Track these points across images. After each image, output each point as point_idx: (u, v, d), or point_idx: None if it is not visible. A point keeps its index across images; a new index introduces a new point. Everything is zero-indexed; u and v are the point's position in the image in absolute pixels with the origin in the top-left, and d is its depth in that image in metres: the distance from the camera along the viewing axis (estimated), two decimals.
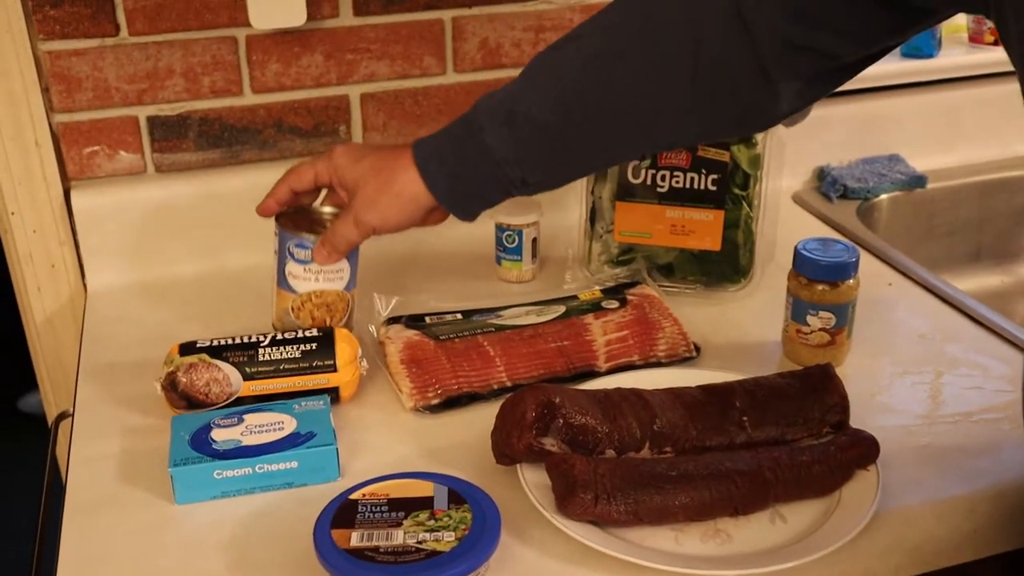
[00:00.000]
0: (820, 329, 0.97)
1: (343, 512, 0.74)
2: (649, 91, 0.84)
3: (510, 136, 0.87)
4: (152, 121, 1.18)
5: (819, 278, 0.96)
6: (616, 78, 0.84)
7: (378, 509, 0.75)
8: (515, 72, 1.27)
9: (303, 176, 0.96)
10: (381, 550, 0.71)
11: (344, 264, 0.99)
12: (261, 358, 0.91)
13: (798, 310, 0.98)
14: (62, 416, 1.08)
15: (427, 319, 1.04)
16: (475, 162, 0.89)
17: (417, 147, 0.91)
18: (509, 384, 0.95)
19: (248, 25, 1.13)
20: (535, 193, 0.93)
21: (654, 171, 1.10)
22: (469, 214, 0.93)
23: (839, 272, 0.96)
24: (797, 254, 0.98)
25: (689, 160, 1.09)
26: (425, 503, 0.75)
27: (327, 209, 1.02)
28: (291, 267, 0.98)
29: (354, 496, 0.76)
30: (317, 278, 0.98)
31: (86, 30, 1.11)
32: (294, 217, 1.00)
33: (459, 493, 0.76)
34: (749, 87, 0.82)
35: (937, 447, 0.88)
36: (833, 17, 0.77)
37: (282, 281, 0.99)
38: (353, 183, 0.93)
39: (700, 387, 0.88)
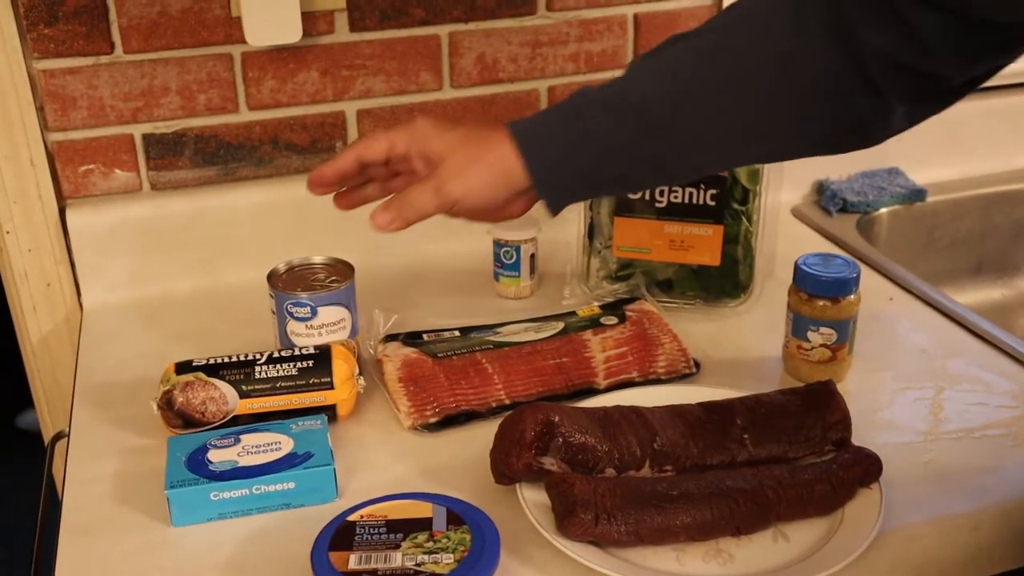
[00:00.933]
0: (821, 345, 0.97)
1: (341, 534, 0.74)
2: (757, 93, 0.80)
3: (616, 126, 0.81)
4: (147, 139, 1.17)
5: (820, 294, 0.96)
6: (728, 75, 0.81)
7: (376, 531, 0.74)
8: (512, 87, 1.28)
9: (374, 145, 0.86)
10: (379, 573, 0.70)
11: (345, 314, 0.99)
12: (258, 376, 0.90)
13: (799, 326, 0.98)
14: (58, 436, 1.08)
15: (425, 336, 1.03)
16: (575, 148, 0.82)
17: (514, 125, 0.84)
18: (508, 402, 0.95)
19: (243, 42, 1.13)
20: (622, 193, 0.88)
21: None
22: (557, 205, 0.85)
23: (840, 288, 0.95)
24: (797, 269, 0.97)
25: None
26: (424, 524, 0.74)
27: (317, 260, 1.02)
28: (292, 326, 0.98)
29: (352, 518, 0.75)
30: (320, 333, 0.98)
31: (81, 48, 1.11)
32: (285, 277, 1.00)
33: (458, 514, 0.75)
34: (857, 100, 0.79)
35: (940, 464, 0.87)
36: (938, 38, 0.75)
37: (284, 340, 0.99)
38: (439, 152, 0.84)
39: (700, 404, 0.87)
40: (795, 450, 0.85)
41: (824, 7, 0.78)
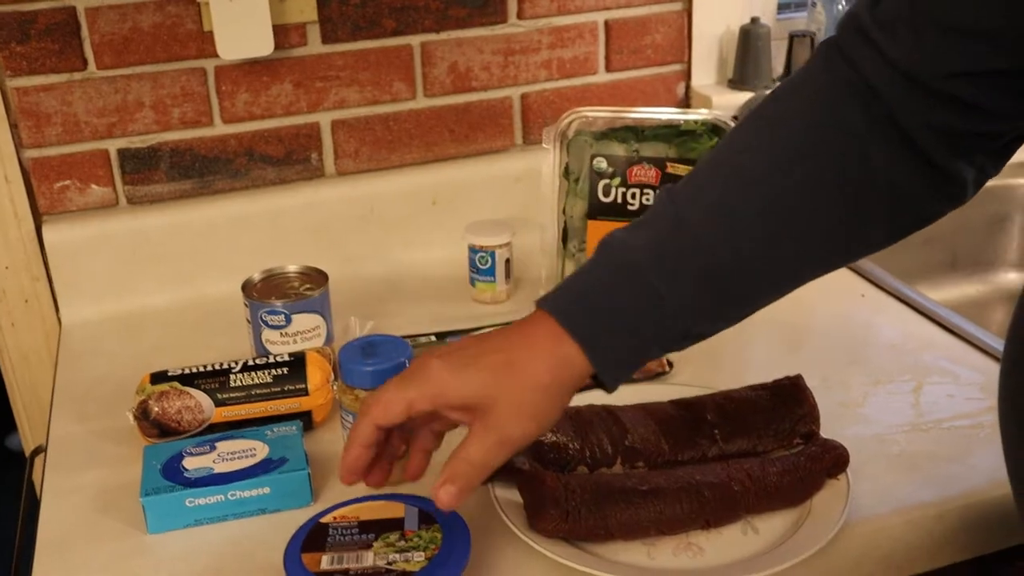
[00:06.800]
0: None
1: (314, 536, 0.74)
2: (825, 216, 0.72)
3: (681, 278, 0.71)
4: (123, 154, 1.18)
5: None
6: (785, 205, 0.72)
7: (348, 532, 0.74)
8: (485, 95, 1.29)
9: (391, 409, 0.72)
10: (351, 572, 0.70)
11: (320, 321, 1.00)
12: (232, 384, 0.91)
13: None
14: (38, 450, 1.08)
15: None
16: (634, 308, 0.71)
17: (547, 300, 0.72)
18: None
19: (216, 56, 1.14)
20: (681, 348, 0.75)
21: (624, 189, 1.10)
22: (615, 380, 0.74)
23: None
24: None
25: (659, 177, 1.09)
26: (395, 524, 0.75)
27: (292, 269, 1.03)
28: (267, 334, 0.99)
29: (325, 519, 0.76)
30: (295, 340, 0.99)
31: (54, 65, 1.12)
32: (260, 286, 1.02)
33: (429, 513, 0.76)
34: (928, 186, 0.72)
35: (909, 455, 0.88)
36: (987, 102, 0.68)
37: (260, 348, 1.00)
38: (475, 398, 0.70)
39: (672, 402, 0.88)
40: (764, 444, 0.86)
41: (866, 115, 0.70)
